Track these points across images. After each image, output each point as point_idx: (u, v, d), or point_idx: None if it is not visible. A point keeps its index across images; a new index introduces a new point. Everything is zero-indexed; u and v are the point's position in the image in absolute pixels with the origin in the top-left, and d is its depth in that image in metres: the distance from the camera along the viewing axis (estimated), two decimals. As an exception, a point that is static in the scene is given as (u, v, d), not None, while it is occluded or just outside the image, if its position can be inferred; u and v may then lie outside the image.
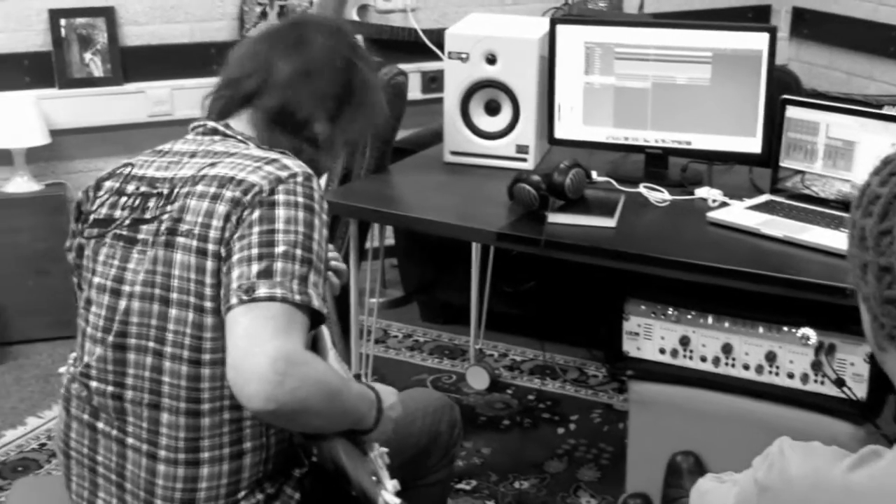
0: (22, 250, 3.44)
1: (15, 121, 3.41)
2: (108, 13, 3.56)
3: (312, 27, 1.73)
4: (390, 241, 3.68)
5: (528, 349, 3.42)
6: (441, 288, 3.51)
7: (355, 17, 3.88)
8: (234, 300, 1.44)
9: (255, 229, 1.48)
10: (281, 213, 1.49)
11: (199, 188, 1.54)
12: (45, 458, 2.85)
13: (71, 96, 3.56)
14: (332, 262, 1.86)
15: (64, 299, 3.45)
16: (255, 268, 1.45)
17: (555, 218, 2.27)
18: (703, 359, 2.24)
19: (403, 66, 3.63)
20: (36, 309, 3.46)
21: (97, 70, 3.58)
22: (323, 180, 2.94)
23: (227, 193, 1.52)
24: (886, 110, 2.69)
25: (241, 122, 1.68)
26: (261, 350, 1.39)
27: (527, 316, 3.34)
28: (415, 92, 3.85)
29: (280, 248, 1.47)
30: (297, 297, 1.45)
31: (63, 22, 3.52)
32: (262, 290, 1.43)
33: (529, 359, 3.38)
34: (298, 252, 1.47)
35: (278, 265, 1.45)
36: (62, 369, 1.69)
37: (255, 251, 1.47)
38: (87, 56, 3.56)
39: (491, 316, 3.28)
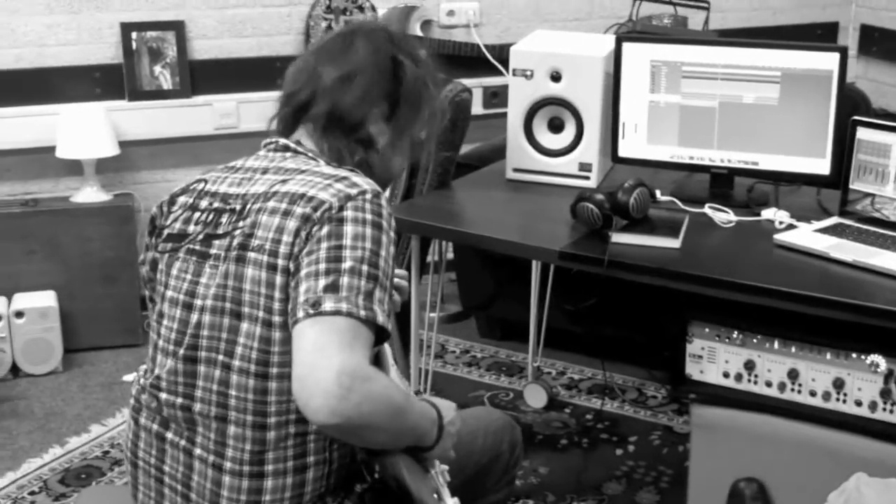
0: (90, 259, 3.51)
1: (86, 132, 3.48)
2: (178, 27, 3.63)
3: (357, 33, 1.73)
4: (449, 255, 3.69)
5: (587, 368, 3.40)
6: (500, 304, 3.50)
7: (419, 32, 3.90)
8: (300, 314, 1.46)
9: (324, 245, 1.50)
10: (349, 229, 1.51)
11: (271, 204, 1.57)
12: (108, 465, 2.89)
13: (140, 108, 3.62)
14: (395, 280, 1.87)
15: (130, 308, 3.54)
16: (321, 282, 1.47)
17: (618, 238, 2.25)
18: (769, 384, 2.20)
19: (465, 81, 3.66)
20: (102, 317, 3.53)
21: (166, 83, 3.64)
22: (385, 195, 2.96)
23: (298, 210, 1.54)
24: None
25: (306, 138, 1.70)
26: (326, 364, 1.40)
27: (586, 334, 3.32)
28: (476, 107, 3.86)
29: (347, 264, 1.48)
30: (363, 313, 1.46)
31: (134, 35, 3.59)
32: (329, 305, 1.45)
33: (588, 377, 3.36)
34: (365, 268, 1.49)
35: (344, 280, 1.47)
36: (127, 377, 1.72)
37: (322, 266, 1.48)
38: (157, 69, 3.63)
39: (550, 333, 3.27)
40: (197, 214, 1.64)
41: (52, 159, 3.54)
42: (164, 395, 1.62)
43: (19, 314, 3.38)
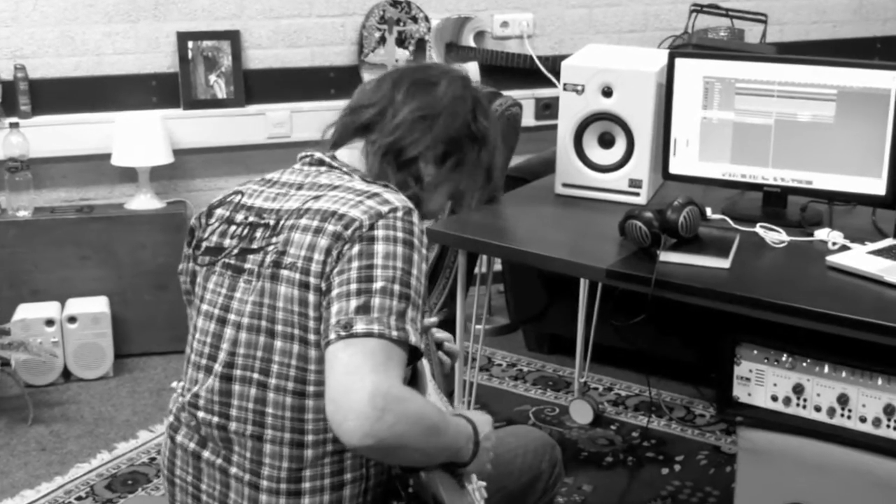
0: (143, 265, 3.56)
1: (141, 140, 3.53)
2: (233, 36, 3.67)
3: (443, 73, 1.74)
4: (498, 267, 3.68)
5: (634, 384, 3.37)
6: (548, 318, 3.48)
7: (472, 43, 3.90)
8: (332, 335, 1.46)
9: (355, 264, 1.50)
10: (380, 248, 1.51)
11: (304, 221, 1.57)
12: (155, 472, 2.93)
13: (195, 117, 3.67)
14: (446, 345, 1.86)
15: (180, 314, 3.52)
16: (353, 303, 1.46)
17: (667, 257, 2.22)
18: (818, 409, 2.16)
19: (517, 93, 3.67)
20: (153, 323, 3.57)
21: (221, 92, 3.68)
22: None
23: (329, 227, 1.54)
24: None
25: (352, 152, 1.70)
26: (360, 386, 1.40)
27: (634, 350, 3.29)
28: (528, 118, 3.85)
29: (378, 284, 1.48)
30: (395, 334, 1.46)
31: (190, 44, 3.64)
32: (360, 326, 1.45)
33: (635, 394, 3.32)
34: (396, 287, 1.48)
35: (376, 301, 1.46)
36: (175, 384, 1.73)
37: (353, 286, 1.48)
38: (212, 78, 3.67)
39: (597, 349, 3.24)
40: (233, 228, 1.65)
41: (108, 166, 3.60)
42: (201, 414, 1.63)
43: (72, 319, 3.44)
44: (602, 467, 2.94)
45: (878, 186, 2.42)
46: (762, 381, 2.21)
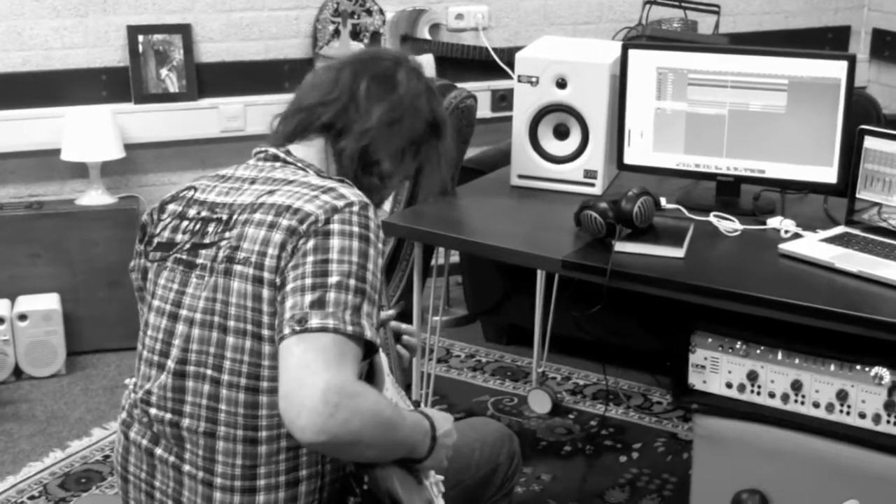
0: (95, 262, 3.51)
1: (91, 134, 3.48)
2: (184, 30, 3.63)
3: (397, 64, 1.72)
4: (455, 258, 3.67)
5: (592, 373, 3.38)
6: (508, 308, 3.49)
7: (427, 36, 3.89)
8: (286, 330, 1.44)
9: (309, 259, 1.48)
10: (335, 242, 1.49)
11: (257, 216, 1.55)
12: (109, 470, 2.89)
13: (146, 111, 3.62)
14: (405, 338, 1.85)
15: (133, 310, 3.46)
16: (307, 298, 1.45)
17: (622, 247, 2.23)
18: (772, 395, 2.18)
19: (473, 85, 3.66)
20: (106, 319, 3.53)
21: (172, 86, 3.64)
22: (388, 203, 2.95)
23: (284, 222, 1.52)
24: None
25: (308, 149, 1.68)
26: (313, 382, 1.39)
27: (592, 340, 3.30)
28: (484, 110, 3.85)
29: (333, 279, 1.47)
30: (350, 328, 1.44)
31: (141, 38, 3.59)
32: (315, 321, 1.43)
33: (593, 383, 3.34)
34: (352, 282, 1.47)
35: (331, 295, 1.45)
36: (128, 381, 1.71)
37: (308, 281, 1.47)
38: (163, 72, 3.62)
39: (555, 338, 3.25)
40: (185, 223, 1.63)
41: (58, 162, 3.54)
42: (153, 411, 1.61)
43: (22, 317, 3.39)
44: (560, 456, 2.95)
45: (829, 175, 2.45)
46: (717, 369, 2.23)
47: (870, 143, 2.33)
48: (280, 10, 3.75)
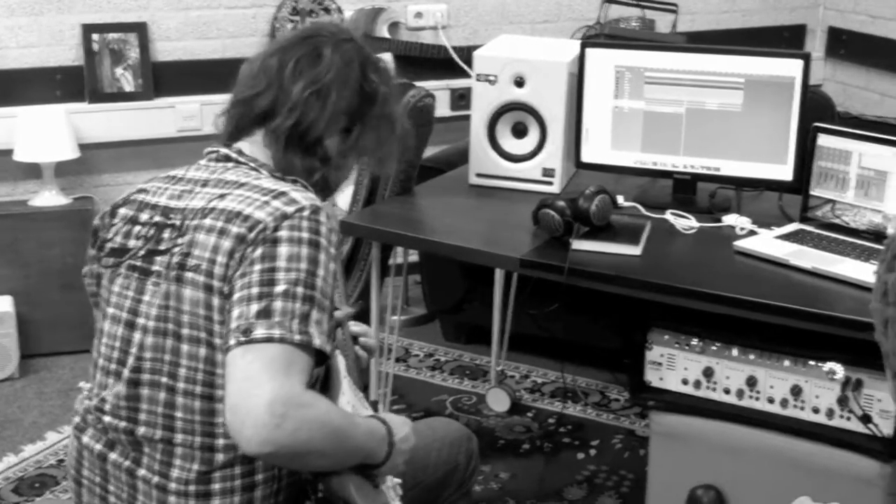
0: (49, 263, 3.46)
1: (45, 134, 3.43)
2: (140, 29, 3.59)
3: (324, 39, 1.67)
4: (414, 257, 3.67)
5: (550, 371, 3.39)
6: (465, 307, 3.48)
7: (386, 34, 3.88)
8: (232, 341, 1.42)
9: (257, 267, 1.46)
10: (283, 250, 1.47)
11: (208, 222, 1.53)
12: (63, 474, 2.84)
13: (101, 111, 3.58)
14: (363, 339, 1.83)
15: (89, 313, 3.44)
16: (253, 308, 1.43)
17: (579, 245, 2.24)
18: (727, 391, 2.20)
19: (433, 83, 3.65)
20: (61, 322, 3.47)
21: (128, 85, 3.60)
22: (346, 202, 2.94)
23: (233, 229, 1.50)
24: (920, 140, 2.64)
25: (255, 145, 1.65)
26: (258, 393, 1.37)
27: (550, 338, 3.31)
28: (444, 109, 3.85)
29: (280, 287, 1.44)
30: (297, 337, 1.43)
31: (95, 37, 3.55)
32: (260, 331, 1.41)
33: (551, 381, 3.35)
34: (300, 290, 1.45)
35: (278, 305, 1.43)
36: (83, 384, 1.68)
37: (254, 290, 1.45)
38: (119, 71, 3.58)
39: (514, 337, 3.25)
40: (137, 228, 1.60)
41: (10, 162, 3.48)
42: (108, 419, 1.58)
43: (-25, 320, 3.33)
44: (519, 454, 2.95)
45: (784, 172, 2.47)
46: (673, 366, 2.24)
47: (823, 140, 2.35)
48: (237, 8, 3.72)
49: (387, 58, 3.78)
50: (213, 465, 1.52)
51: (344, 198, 3.02)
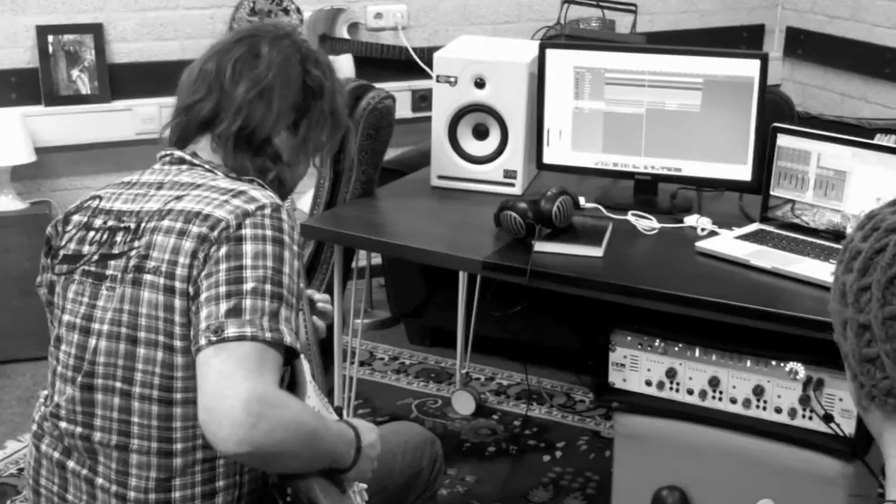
0: (7, 270, 3.40)
1: (0, 138, 3.37)
2: (96, 30, 3.54)
3: (260, 39, 1.65)
4: (377, 260, 3.65)
5: (516, 373, 3.38)
6: (429, 310, 3.47)
7: (346, 35, 3.86)
8: (203, 341, 1.41)
9: (223, 266, 1.45)
10: (248, 248, 1.46)
11: (166, 223, 1.51)
12: (24, 484, 2.80)
13: (57, 113, 3.53)
14: (319, 304, 1.82)
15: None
16: (223, 307, 1.42)
17: (541, 246, 2.24)
18: (690, 392, 2.21)
19: (394, 85, 3.64)
20: (20, 329, 3.42)
21: (84, 87, 3.55)
22: (307, 205, 2.91)
23: (194, 229, 1.48)
24: (878, 139, 2.67)
25: (205, 150, 1.63)
26: (233, 393, 1.36)
27: (515, 340, 3.31)
28: (405, 110, 3.83)
29: (248, 285, 1.43)
30: (269, 335, 1.41)
31: (51, 38, 3.49)
32: (232, 330, 1.40)
33: (516, 383, 3.34)
34: (268, 287, 1.44)
35: (247, 303, 1.42)
36: (44, 392, 1.66)
37: (222, 289, 1.43)
38: (75, 73, 3.53)
39: (479, 339, 3.25)
40: (91, 234, 1.57)
41: (-35, 167, 3.43)
42: (63, 424, 1.56)
43: (-69, 327, 3.27)
44: (485, 457, 2.95)
45: (743, 172, 2.48)
46: (636, 367, 2.25)
47: (783, 140, 2.36)
48: (195, 8, 3.68)
49: (347, 59, 3.76)
50: (171, 471, 1.50)
51: (305, 201, 3.00)
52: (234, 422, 1.34)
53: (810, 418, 2.10)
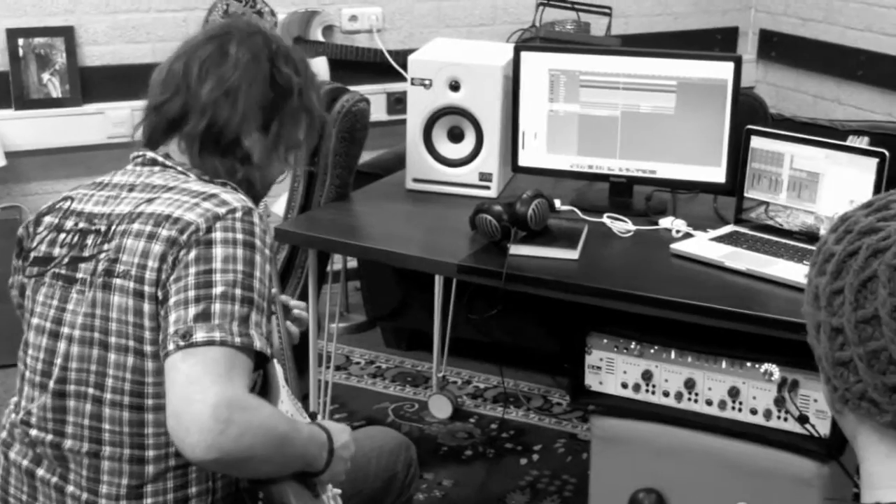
0: (-24, 274, 3.36)
1: (-30, 142, 3.34)
2: (67, 33, 3.50)
3: (229, 38, 1.62)
4: (353, 263, 3.63)
5: (492, 376, 3.38)
6: (406, 313, 3.46)
7: (320, 38, 3.84)
8: (171, 346, 1.39)
9: (192, 270, 1.43)
10: (218, 251, 1.44)
11: (136, 226, 1.49)
12: (-5, 491, 2.77)
13: (28, 117, 3.48)
14: (294, 311, 1.80)
15: (19, 325, 3.37)
16: (192, 311, 1.40)
17: (517, 249, 2.23)
18: (666, 394, 2.21)
19: (369, 87, 3.62)
20: (-11, 335, 3.38)
21: (55, 91, 3.51)
22: (282, 209, 2.89)
23: (164, 233, 1.46)
24: (850, 141, 2.68)
25: (177, 151, 1.61)
26: (202, 398, 1.34)
27: (491, 342, 3.30)
28: (380, 113, 3.82)
29: (218, 289, 1.42)
30: (238, 340, 1.40)
31: (21, 41, 3.45)
32: (200, 335, 1.38)
33: (493, 386, 3.34)
34: (238, 292, 1.42)
35: (216, 307, 1.40)
36: (12, 400, 1.63)
37: (191, 293, 1.41)
38: (45, 76, 3.50)
39: (456, 342, 3.24)
40: (62, 236, 1.56)
41: (-66, 171, 3.39)
42: (34, 432, 1.54)
43: None
44: (462, 461, 2.94)
45: (718, 174, 2.49)
46: (612, 369, 2.25)
47: (756, 142, 2.37)
48: (167, 11, 3.65)
49: (321, 62, 3.74)
50: (143, 478, 1.48)
51: (279, 204, 2.98)
52: (203, 427, 1.33)
53: (785, 419, 2.10)
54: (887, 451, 0.93)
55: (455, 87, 2.57)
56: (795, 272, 2.10)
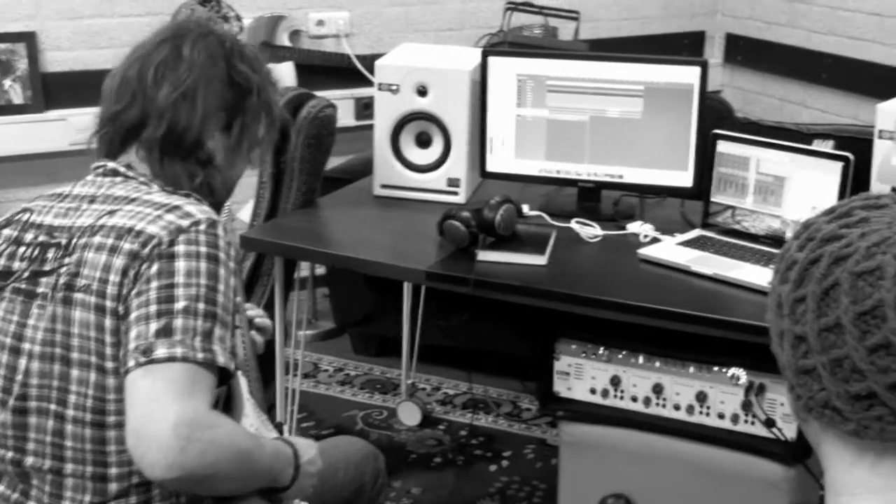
0: (-63, 284, 3.31)
1: (-70, 149, 3.28)
2: (29, 38, 3.45)
3: (182, 39, 1.60)
4: (321, 269, 3.61)
5: (462, 382, 3.36)
6: (374, 320, 3.44)
7: (287, 43, 3.82)
8: (131, 363, 1.36)
9: (154, 284, 1.41)
10: (181, 265, 1.42)
11: (97, 240, 1.46)
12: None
13: (-11, 124, 3.44)
14: (257, 320, 1.78)
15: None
16: (153, 326, 1.38)
17: (485, 255, 2.22)
18: (634, 399, 2.21)
19: (336, 92, 3.60)
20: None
21: (17, 97, 3.47)
22: (248, 216, 2.87)
23: (126, 246, 1.44)
24: (816, 145, 2.69)
25: (137, 161, 1.58)
26: (162, 416, 1.32)
27: (459, 348, 3.29)
28: (348, 118, 3.80)
29: (180, 304, 1.39)
30: (200, 356, 1.38)
31: (-18, 47, 3.41)
32: (161, 351, 1.36)
33: (462, 392, 3.33)
34: (201, 306, 1.40)
35: (178, 322, 1.38)
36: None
37: (153, 308, 1.39)
38: (7, 83, 3.45)
39: (424, 349, 3.22)
40: (22, 249, 1.53)
41: None
42: None
43: None
44: (431, 468, 2.92)
45: (685, 179, 2.49)
46: (581, 375, 2.24)
47: (723, 147, 2.38)
48: (131, 16, 3.61)
49: (288, 67, 3.72)
50: (106, 495, 1.45)
51: (245, 211, 2.96)
52: (163, 445, 1.31)
53: (753, 423, 2.11)
54: (851, 458, 0.93)
55: (423, 92, 2.56)
56: (761, 276, 2.11)
